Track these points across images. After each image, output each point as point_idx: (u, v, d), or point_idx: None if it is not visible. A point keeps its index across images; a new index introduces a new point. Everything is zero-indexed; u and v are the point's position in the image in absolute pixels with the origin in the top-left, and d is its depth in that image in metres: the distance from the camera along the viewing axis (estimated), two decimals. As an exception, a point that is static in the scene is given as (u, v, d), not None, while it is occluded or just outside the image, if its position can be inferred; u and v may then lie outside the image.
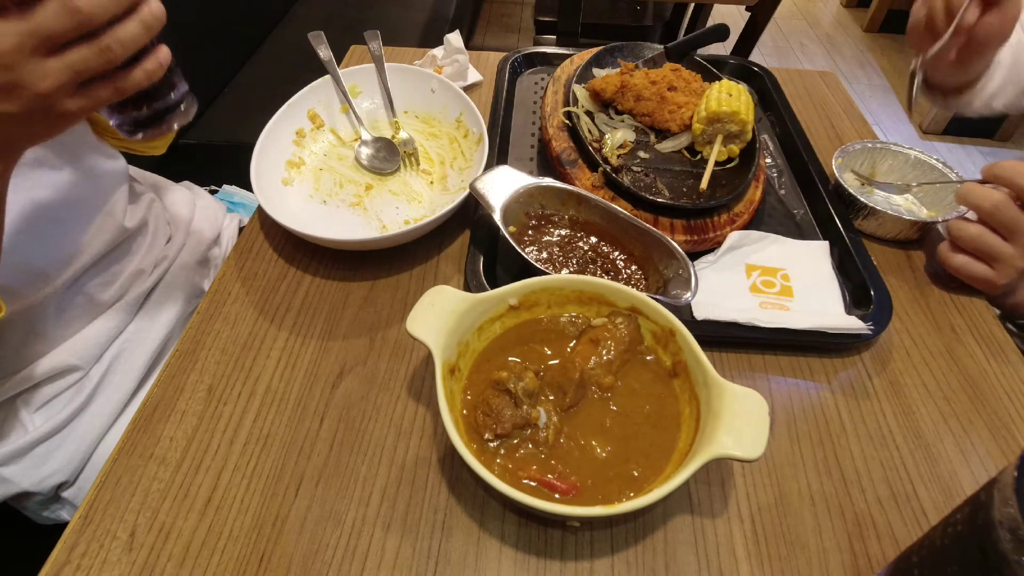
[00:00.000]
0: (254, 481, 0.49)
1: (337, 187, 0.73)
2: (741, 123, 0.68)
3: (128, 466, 0.49)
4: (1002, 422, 0.55)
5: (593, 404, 0.49)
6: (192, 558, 0.44)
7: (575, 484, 0.44)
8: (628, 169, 0.70)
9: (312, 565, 0.44)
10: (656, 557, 0.46)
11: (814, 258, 0.66)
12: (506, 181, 0.62)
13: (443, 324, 0.48)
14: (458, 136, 0.77)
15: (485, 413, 0.47)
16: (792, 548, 0.47)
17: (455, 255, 0.67)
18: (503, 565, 0.45)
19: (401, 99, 0.80)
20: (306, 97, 0.76)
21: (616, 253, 0.63)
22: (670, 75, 0.76)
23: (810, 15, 3.36)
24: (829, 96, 0.94)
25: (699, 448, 0.43)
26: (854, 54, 3.03)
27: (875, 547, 0.47)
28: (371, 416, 0.53)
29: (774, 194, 0.75)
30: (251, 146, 0.67)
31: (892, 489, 0.50)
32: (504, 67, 0.89)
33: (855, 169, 0.75)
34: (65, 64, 0.38)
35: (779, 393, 0.56)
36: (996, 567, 0.30)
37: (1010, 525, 0.29)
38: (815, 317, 0.59)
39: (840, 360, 0.59)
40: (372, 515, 0.47)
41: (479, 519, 0.47)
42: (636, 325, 0.52)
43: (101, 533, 0.45)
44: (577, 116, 0.73)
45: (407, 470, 0.50)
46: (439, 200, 0.72)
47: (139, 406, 0.53)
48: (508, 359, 0.51)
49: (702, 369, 0.47)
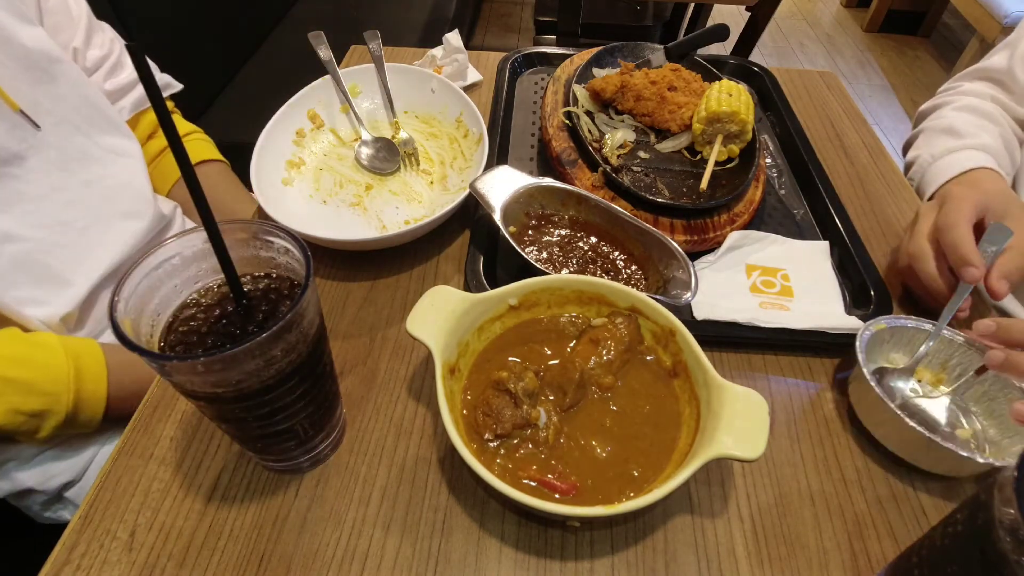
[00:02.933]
0: (254, 481, 0.49)
1: (337, 187, 0.73)
2: (741, 123, 0.68)
3: (128, 466, 0.49)
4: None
5: (593, 404, 0.49)
6: (192, 558, 0.44)
7: (575, 484, 0.44)
8: (628, 169, 0.70)
9: (312, 565, 0.44)
10: (656, 557, 0.46)
11: (814, 258, 0.66)
12: (506, 181, 0.62)
13: (443, 324, 0.48)
14: (458, 136, 0.77)
15: (485, 413, 0.47)
16: (792, 548, 0.47)
17: (455, 255, 0.67)
18: (503, 565, 0.45)
19: (401, 99, 0.80)
20: (306, 97, 0.76)
21: (616, 253, 0.63)
22: (670, 75, 0.76)
23: (810, 15, 3.37)
24: (829, 96, 0.94)
25: (699, 448, 0.43)
26: (854, 54, 3.03)
27: (875, 547, 0.47)
28: (371, 416, 0.53)
29: (774, 194, 0.75)
30: (251, 146, 0.67)
31: (892, 489, 0.50)
32: (504, 67, 0.89)
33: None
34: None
35: (779, 393, 0.56)
36: (996, 567, 0.30)
37: (1010, 525, 0.29)
38: (815, 317, 0.59)
39: (840, 360, 0.59)
40: (372, 515, 0.47)
41: (479, 519, 0.47)
42: (636, 325, 0.52)
43: (101, 533, 0.45)
44: (577, 116, 0.73)
45: (407, 470, 0.50)
46: (439, 200, 0.72)
47: (139, 406, 0.53)
48: (508, 359, 0.51)
49: (702, 369, 0.47)
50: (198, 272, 0.41)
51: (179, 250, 0.39)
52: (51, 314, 0.64)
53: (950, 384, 0.55)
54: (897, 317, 0.55)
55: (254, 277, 0.42)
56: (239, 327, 0.39)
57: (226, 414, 0.41)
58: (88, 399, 0.60)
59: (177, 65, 0.92)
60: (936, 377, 0.56)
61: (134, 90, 0.83)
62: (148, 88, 0.31)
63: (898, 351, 0.57)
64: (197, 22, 1.43)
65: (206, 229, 0.36)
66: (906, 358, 0.56)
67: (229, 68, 1.59)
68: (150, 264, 0.38)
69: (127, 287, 0.36)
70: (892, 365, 0.56)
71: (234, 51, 1.62)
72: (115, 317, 0.34)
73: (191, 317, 0.39)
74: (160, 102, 0.32)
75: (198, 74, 1.44)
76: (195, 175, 0.34)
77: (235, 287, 0.39)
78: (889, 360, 0.56)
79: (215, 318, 0.39)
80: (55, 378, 0.58)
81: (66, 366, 0.58)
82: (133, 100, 0.83)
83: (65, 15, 0.75)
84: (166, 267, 0.39)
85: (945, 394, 0.55)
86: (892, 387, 0.55)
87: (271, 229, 0.40)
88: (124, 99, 0.82)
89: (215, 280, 0.41)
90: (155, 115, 0.33)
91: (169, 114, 0.32)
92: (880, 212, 0.75)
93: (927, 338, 0.55)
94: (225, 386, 0.36)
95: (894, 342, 0.56)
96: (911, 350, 0.56)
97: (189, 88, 0.92)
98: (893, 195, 0.77)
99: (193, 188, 0.34)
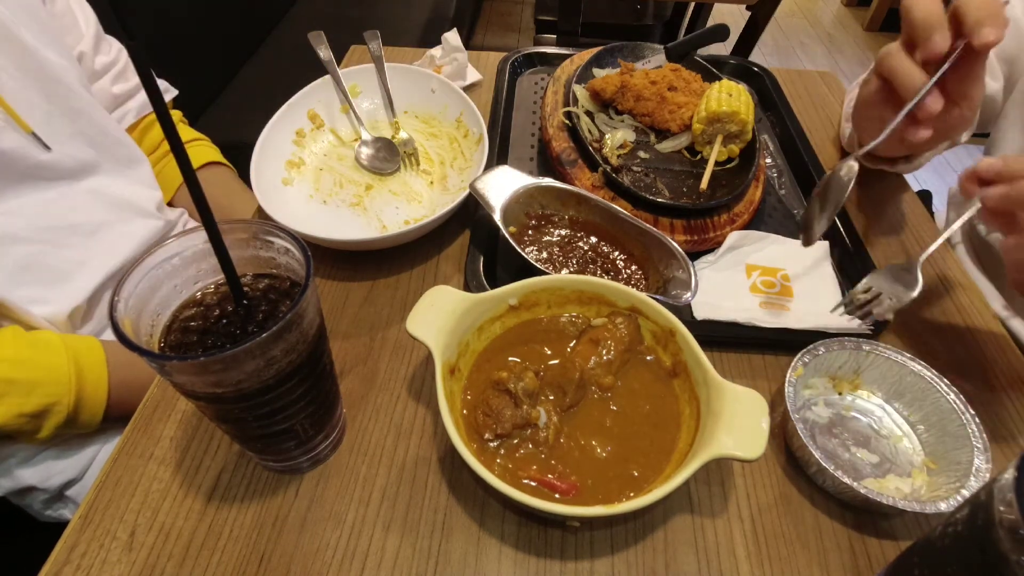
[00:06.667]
0: (254, 481, 0.49)
1: (337, 187, 0.73)
2: (741, 123, 0.68)
3: (128, 466, 0.49)
4: (1002, 422, 0.55)
5: (593, 404, 0.49)
6: (192, 558, 0.44)
7: (575, 484, 0.44)
8: (628, 169, 0.70)
9: (312, 565, 0.44)
10: (656, 557, 0.46)
11: (814, 258, 0.66)
12: (506, 181, 0.62)
13: (443, 324, 0.48)
14: (458, 136, 0.77)
15: (485, 413, 0.47)
16: (792, 548, 0.47)
17: (455, 255, 0.67)
18: (503, 565, 0.45)
19: (401, 99, 0.80)
20: (306, 97, 0.76)
21: (616, 253, 0.63)
22: (670, 75, 0.76)
23: (811, 14, 3.36)
24: (829, 96, 0.94)
25: (699, 448, 0.43)
26: (855, 53, 3.03)
27: (875, 547, 0.47)
28: (371, 416, 0.53)
29: (774, 194, 0.75)
30: (251, 146, 0.67)
31: (892, 489, 0.50)
32: (504, 67, 0.89)
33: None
34: None
35: (779, 393, 0.56)
36: (996, 567, 0.30)
37: (1010, 525, 0.29)
38: (815, 317, 0.59)
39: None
40: (372, 515, 0.47)
41: (479, 519, 0.47)
42: (636, 325, 0.52)
43: (101, 533, 0.45)
44: (577, 116, 0.73)
45: (407, 470, 0.50)
46: (439, 200, 0.72)
47: (139, 406, 0.53)
48: (508, 359, 0.51)
49: (702, 369, 0.47)
50: (198, 272, 0.41)
51: (179, 250, 0.39)
52: (56, 312, 0.65)
53: (871, 389, 0.55)
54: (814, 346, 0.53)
55: (254, 277, 0.42)
56: (239, 327, 0.39)
57: (226, 414, 0.41)
58: (89, 400, 0.60)
59: (177, 65, 0.93)
60: (853, 383, 0.55)
61: (139, 94, 0.86)
62: (148, 87, 0.31)
63: (816, 375, 0.55)
64: (197, 22, 1.43)
65: (206, 229, 0.36)
66: (824, 379, 0.56)
67: (229, 68, 1.59)
68: (150, 264, 0.38)
69: (127, 287, 0.36)
70: (812, 389, 0.55)
71: (234, 51, 1.62)
72: (115, 317, 0.34)
73: (191, 317, 0.39)
74: (159, 100, 0.31)
75: (198, 74, 1.44)
76: (193, 172, 0.34)
77: (235, 287, 0.39)
78: (809, 384, 0.55)
79: (215, 318, 0.39)
80: (56, 379, 0.58)
81: (67, 367, 0.58)
82: (139, 104, 0.85)
83: (71, 20, 0.77)
84: (166, 267, 0.39)
85: (871, 397, 0.55)
86: (819, 414, 0.54)
87: (271, 229, 0.40)
88: (130, 102, 0.85)
89: (215, 280, 0.41)
90: (156, 116, 0.33)
91: (167, 111, 0.32)
92: (880, 212, 0.75)
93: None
94: (225, 386, 0.36)
95: (813, 367, 0.54)
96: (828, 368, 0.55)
97: (189, 88, 0.93)
98: (893, 195, 0.77)
99: (192, 185, 0.34)
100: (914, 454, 0.51)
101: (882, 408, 0.54)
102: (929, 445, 0.51)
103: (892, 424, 0.53)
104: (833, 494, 0.49)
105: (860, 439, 0.52)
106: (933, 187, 1.14)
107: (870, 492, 0.45)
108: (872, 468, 0.50)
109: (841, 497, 0.49)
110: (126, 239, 0.74)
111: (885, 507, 0.44)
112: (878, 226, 0.73)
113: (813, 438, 0.48)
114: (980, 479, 0.45)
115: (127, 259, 0.73)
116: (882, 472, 0.50)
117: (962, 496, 0.45)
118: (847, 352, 0.54)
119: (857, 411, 0.54)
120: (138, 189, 0.77)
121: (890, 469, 0.50)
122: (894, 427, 0.53)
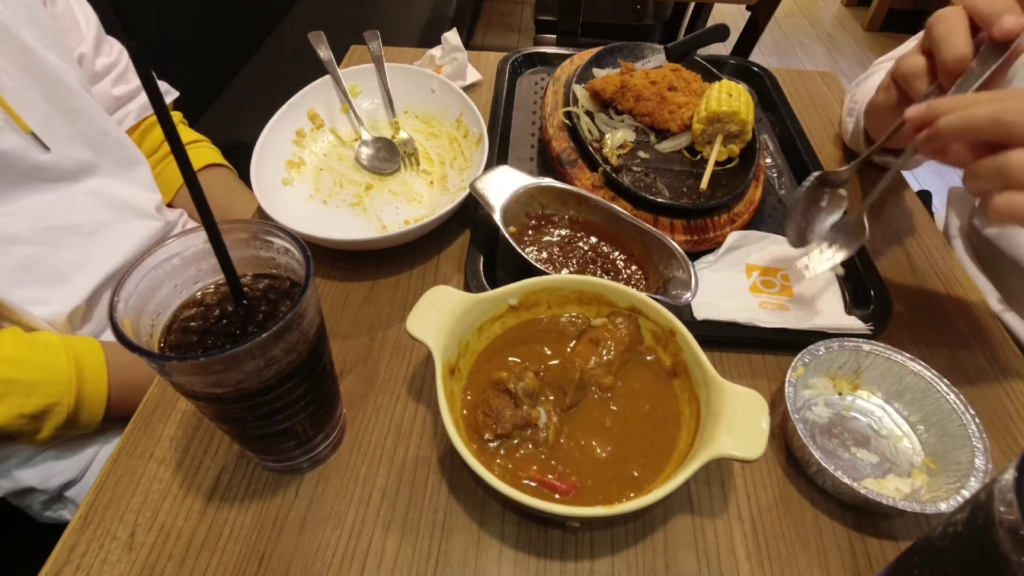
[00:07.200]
0: (254, 481, 0.49)
1: (337, 187, 0.73)
2: (741, 123, 0.68)
3: (128, 466, 0.49)
4: (1002, 422, 0.55)
5: (593, 404, 0.49)
6: (192, 558, 0.44)
7: (575, 484, 0.44)
8: (628, 169, 0.70)
9: (312, 565, 0.44)
10: (656, 557, 0.46)
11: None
12: (506, 181, 0.62)
13: (443, 324, 0.48)
14: (458, 136, 0.77)
15: (485, 413, 0.47)
16: (792, 548, 0.47)
17: (455, 255, 0.67)
18: (503, 565, 0.45)
19: (401, 99, 0.80)
20: (306, 97, 0.76)
21: (616, 253, 0.63)
22: (670, 75, 0.76)
23: (811, 14, 3.36)
24: (829, 96, 0.94)
25: (699, 448, 0.43)
26: (855, 53, 3.03)
27: (875, 547, 0.47)
28: (371, 416, 0.53)
29: (774, 194, 0.75)
30: (251, 146, 0.67)
31: (892, 489, 0.50)
32: (504, 67, 0.89)
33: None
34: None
35: (779, 393, 0.56)
36: (996, 567, 0.30)
37: (1010, 525, 0.29)
38: (815, 317, 0.59)
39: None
40: (372, 515, 0.47)
41: (479, 519, 0.47)
42: (636, 325, 0.52)
43: (101, 533, 0.45)
44: (577, 116, 0.73)
45: (407, 470, 0.50)
46: (439, 200, 0.72)
47: (139, 406, 0.53)
48: (508, 359, 0.51)
49: (702, 369, 0.47)
50: (198, 272, 0.41)
51: (179, 250, 0.39)
52: (56, 313, 0.65)
53: (871, 389, 0.55)
54: (814, 347, 0.53)
55: (254, 277, 0.42)
56: (239, 327, 0.39)
57: (226, 414, 0.41)
58: (89, 401, 0.60)
59: (177, 65, 0.93)
60: (852, 384, 0.55)
61: (139, 96, 0.86)
62: (148, 89, 0.31)
63: (816, 376, 0.55)
64: (197, 22, 1.43)
65: (206, 229, 0.36)
66: (824, 379, 0.55)
67: (229, 68, 1.59)
68: (150, 264, 0.38)
69: (127, 287, 0.36)
70: (812, 389, 0.55)
71: (234, 51, 1.62)
72: (115, 317, 0.34)
73: (191, 317, 0.39)
74: (160, 102, 0.32)
75: (198, 74, 1.44)
76: (194, 173, 0.34)
77: (235, 287, 0.39)
78: (809, 384, 0.55)
79: (215, 318, 0.39)
80: (56, 380, 0.58)
81: (67, 367, 0.58)
82: (139, 106, 0.86)
83: (71, 21, 0.77)
84: (166, 267, 0.39)
85: (871, 398, 0.55)
86: (819, 415, 0.54)
87: (271, 229, 0.40)
88: (130, 104, 0.85)
89: (215, 280, 0.41)
90: (156, 117, 0.33)
91: (168, 113, 0.32)
92: (880, 212, 0.75)
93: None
94: (225, 386, 0.36)
95: (813, 367, 0.54)
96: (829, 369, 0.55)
97: (189, 88, 0.93)
98: (893, 195, 0.77)
99: (192, 187, 0.34)
100: (914, 454, 0.51)
101: (882, 408, 0.54)
102: (929, 445, 0.51)
103: (892, 424, 0.53)
104: (833, 494, 0.49)
105: (860, 439, 0.52)
106: (933, 187, 1.14)
107: (870, 492, 0.45)
108: (872, 468, 0.50)
109: (841, 497, 0.49)
110: (125, 240, 0.74)
111: (885, 507, 0.44)
112: (878, 226, 0.73)
113: (813, 438, 0.48)
114: (980, 479, 0.45)
115: (126, 260, 0.73)
116: (882, 472, 0.50)
117: (962, 496, 0.45)
118: (847, 352, 0.54)
119: (857, 411, 0.54)
120: (137, 191, 0.77)
121: (890, 469, 0.50)
122: (894, 427, 0.53)
